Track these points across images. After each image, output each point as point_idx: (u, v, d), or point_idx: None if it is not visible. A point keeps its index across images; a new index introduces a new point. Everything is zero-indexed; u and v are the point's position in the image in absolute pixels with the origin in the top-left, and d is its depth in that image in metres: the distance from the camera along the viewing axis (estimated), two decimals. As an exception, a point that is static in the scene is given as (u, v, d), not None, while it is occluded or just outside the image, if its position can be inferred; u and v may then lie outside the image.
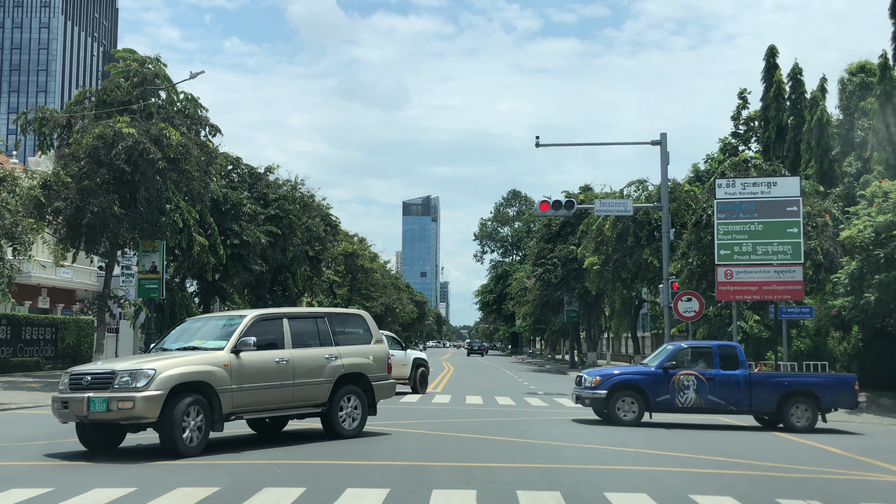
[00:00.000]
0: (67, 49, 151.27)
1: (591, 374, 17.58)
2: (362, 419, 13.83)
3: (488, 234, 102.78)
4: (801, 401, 16.76)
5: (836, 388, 17.06)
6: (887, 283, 20.28)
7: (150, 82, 33.08)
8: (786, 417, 16.70)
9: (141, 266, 31.82)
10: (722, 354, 17.15)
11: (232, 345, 12.23)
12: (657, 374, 16.97)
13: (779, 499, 8.98)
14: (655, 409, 16.97)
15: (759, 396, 16.79)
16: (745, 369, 16.99)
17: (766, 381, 17.10)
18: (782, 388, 16.83)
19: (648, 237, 32.88)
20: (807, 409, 16.73)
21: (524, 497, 8.79)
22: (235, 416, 12.29)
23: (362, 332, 14.30)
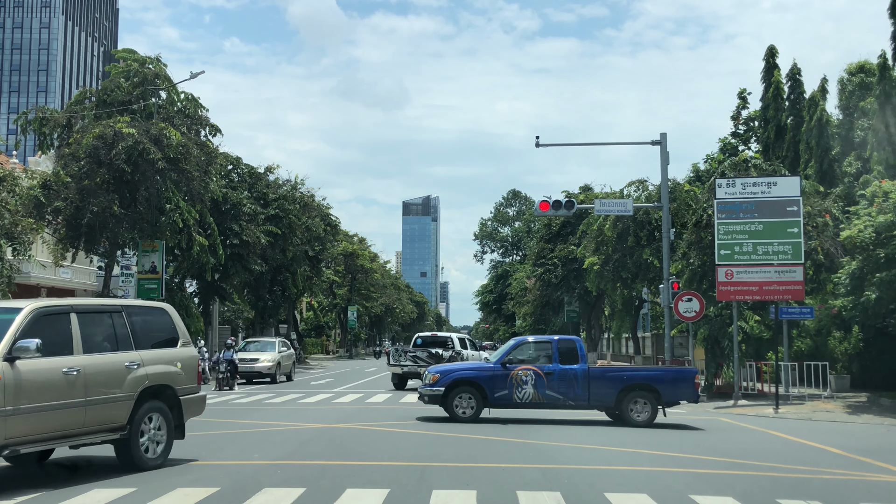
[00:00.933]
0: (68, 49, 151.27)
1: (431, 371, 17.67)
2: (167, 444, 10.91)
3: (488, 234, 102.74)
4: (641, 395, 16.80)
5: (675, 382, 17.10)
6: (888, 282, 20.27)
7: (150, 82, 33.11)
8: (625, 412, 16.77)
9: (140, 266, 31.84)
10: (562, 349, 17.17)
11: (5, 350, 8.96)
12: (496, 370, 17.00)
13: (779, 499, 8.97)
14: (493, 404, 16.97)
15: (597, 391, 16.81)
16: (584, 364, 17.00)
17: (604, 375, 17.16)
18: (621, 383, 16.87)
19: (648, 237, 32.84)
20: (646, 403, 16.77)
21: (524, 497, 8.78)
22: (10, 452, 8.94)
23: (166, 332, 11.32)
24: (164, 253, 31.79)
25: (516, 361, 17.08)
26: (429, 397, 17.15)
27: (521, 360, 17.17)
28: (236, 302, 51.30)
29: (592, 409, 17.38)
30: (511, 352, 17.40)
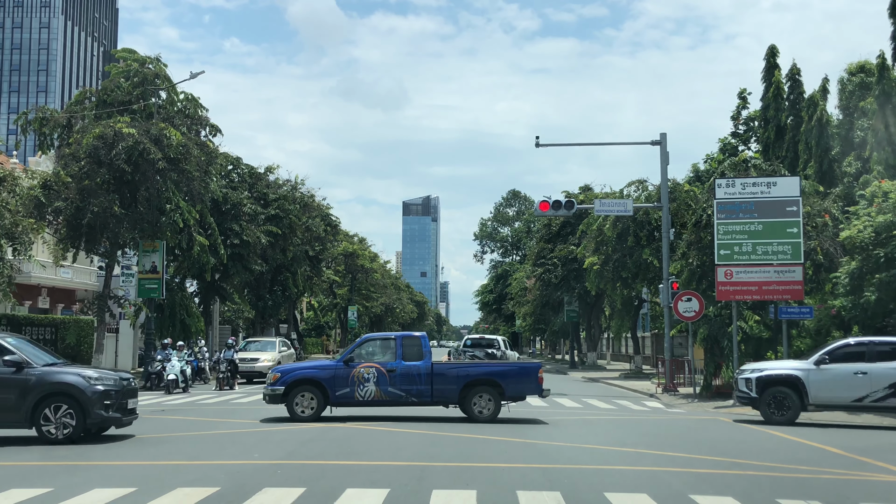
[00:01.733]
0: (67, 49, 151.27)
1: (273, 371, 17.68)
2: None
3: (488, 234, 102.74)
4: (484, 390, 16.85)
5: (519, 377, 17.16)
6: (887, 283, 20.27)
7: (150, 82, 33.10)
8: (468, 407, 16.83)
9: (141, 266, 31.84)
10: (406, 346, 17.15)
11: None
12: (338, 368, 16.96)
13: (779, 499, 8.99)
14: (335, 403, 16.96)
15: (440, 387, 16.84)
16: (428, 360, 16.98)
17: (447, 371, 17.13)
18: (464, 378, 16.91)
19: (648, 237, 32.86)
20: (489, 398, 16.81)
21: (524, 497, 8.79)
22: None
23: None
24: (164, 253, 31.79)
25: (359, 359, 17.00)
26: (270, 397, 17.09)
27: (364, 357, 17.11)
28: (237, 302, 51.29)
29: (437, 405, 17.33)
30: (355, 349, 17.35)
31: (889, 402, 17.19)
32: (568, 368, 51.59)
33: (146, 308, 33.13)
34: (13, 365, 13.21)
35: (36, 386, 13.13)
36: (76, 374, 13.51)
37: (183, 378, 27.15)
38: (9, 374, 13.18)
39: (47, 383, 13.21)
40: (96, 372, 13.81)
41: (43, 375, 13.28)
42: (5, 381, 13.12)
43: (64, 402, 13.17)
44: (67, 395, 13.20)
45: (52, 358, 14.43)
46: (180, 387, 26.97)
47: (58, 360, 14.55)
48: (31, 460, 11.62)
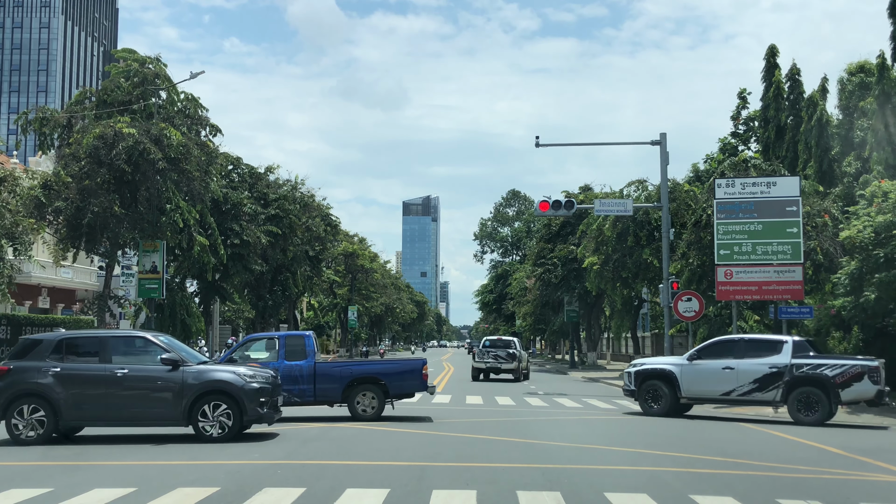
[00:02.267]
0: (67, 49, 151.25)
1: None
2: None
3: (488, 234, 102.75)
4: (367, 388, 16.82)
5: (402, 375, 17.11)
6: (887, 282, 20.28)
7: (150, 82, 33.11)
8: (352, 406, 16.78)
9: (141, 266, 31.84)
10: (289, 345, 17.07)
11: None
12: None
13: (779, 499, 8.98)
14: None
15: (323, 386, 16.76)
16: (311, 360, 16.91)
17: (330, 370, 17.02)
18: (347, 377, 16.85)
19: (648, 237, 32.87)
20: (373, 396, 16.79)
21: (524, 497, 8.79)
22: None
23: None
24: (164, 253, 31.79)
25: (241, 360, 16.83)
26: None
27: (246, 357, 16.99)
28: (237, 302, 51.31)
29: (320, 405, 17.25)
30: (237, 350, 17.24)
31: (754, 397, 18.06)
32: (568, 368, 51.58)
33: (146, 308, 33.13)
34: (170, 363, 13.34)
35: (193, 384, 13.20)
36: (231, 372, 13.58)
37: (183, 378, 27.14)
38: (166, 372, 13.29)
39: (204, 381, 13.27)
40: (249, 369, 13.88)
41: (199, 373, 13.38)
42: (162, 379, 13.25)
43: (221, 401, 13.24)
44: (224, 392, 13.25)
45: (199, 356, 14.59)
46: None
47: (206, 358, 14.72)
48: (31, 460, 11.62)
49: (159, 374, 13.29)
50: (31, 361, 13.38)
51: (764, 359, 17.94)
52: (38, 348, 13.58)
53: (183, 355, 13.63)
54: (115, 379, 13.23)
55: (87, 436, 14.20)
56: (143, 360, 13.55)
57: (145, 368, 13.41)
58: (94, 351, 13.55)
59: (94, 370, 13.32)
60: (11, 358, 13.65)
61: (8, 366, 13.42)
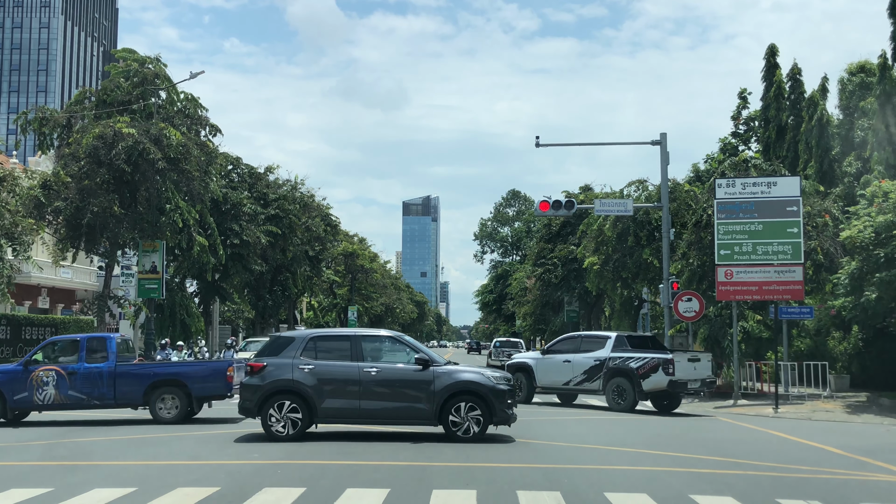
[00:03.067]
0: (67, 49, 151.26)
1: None
2: None
3: (488, 234, 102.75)
4: (169, 391, 16.68)
5: (205, 377, 17.01)
6: (887, 282, 20.26)
7: (150, 82, 33.10)
8: (153, 409, 16.65)
9: (141, 266, 31.83)
10: (90, 347, 17.00)
11: None
12: (16, 372, 16.63)
13: (779, 499, 8.98)
14: (15, 407, 16.61)
15: (124, 389, 16.60)
16: (111, 361, 16.76)
17: (130, 372, 16.86)
18: (148, 379, 16.69)
19: (648, 237, 32.81)
20: (175, 399, 16.67)
21: (524, 497, 8.78)
22: None
23: None
24: (164, 253, 31.78)
25: (40, 362, 16.71)
26: None
27: (46, 360, 16.84)
28: (236, 302, 51.30)
29: (121, 408, 17.09)
30: (37, 352, 17.10)
31: (584, 386, 20.76)
32: (568, 368, 51.51)
33: (146, 308, 33.12)
34: (421, 363, 13.54)
35: (444, 384, 13.39)
36: (477, 373, 13.75)
37: (183, 378, 27.13)
38: (417, 371, 13.47)
39: (454, 381, 13.43)
40: (491, 371, 14.12)
41: (449, 373, 13.56)
42: (414, 378, 13.47)
43: (472, 401, 13.36)
44: (474, 393, 13.38)
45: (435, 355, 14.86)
46: (180, 387, 26.94)
47: (443, 359, 14.88)
48: (31, 460, 11.61)
49: (411, 374, 13.50)
50: (284, 359, 13.60)
51: (592, 353, 20.72)
52: (290, 346, 13.80)
53: (432, 355, 13.92)
54: (368, 377, 13.44)
55: (89, 437, 14.19)
56: (392, 359, 13.79)
57: (396, 367, 13.62)
58: (344, 349, 13.77)
59: (346, 368, 13.54)
60: (263, 355, 13.90)
61: (263, 362, 13.63)
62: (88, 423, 16.91)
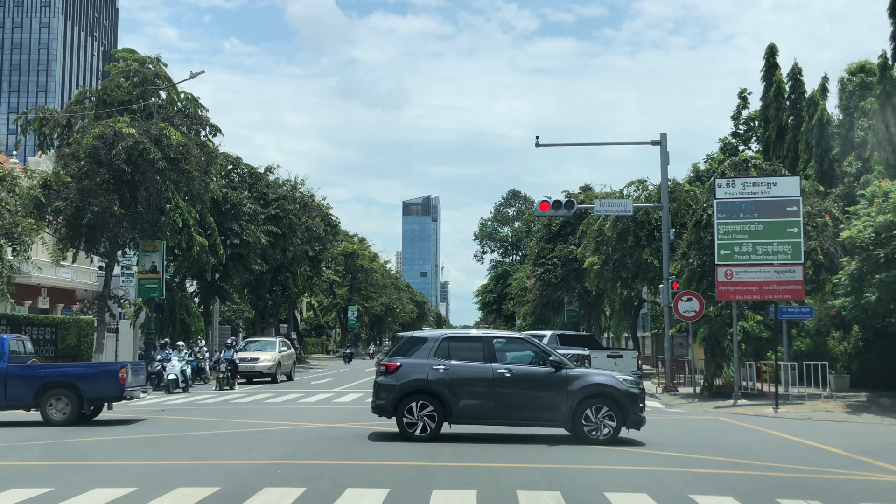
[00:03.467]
0: (67, 49, 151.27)
1: None
2: None
3: (488, 234, 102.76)
4: (60, 392, 16.49)
5: (97, 379, 16.86)
6: (888, 283, 20.25)
7: (150, 82, 33.10)
8: (44, 410, 16.42)
9: (141, 266, 31.84)
10: None
11: None
12: None
13: (779, 499, 8.98)
14: None
15: (15, 390, 16.44)
16: (2, 363, 16.55)
17: (22, 373, 16.70)
18: (39, 381, 16.48)
19: (648, 237, 32.82)
20: (66, 401, 16.44)
21: (524, 497, 8.78)
22: None
23: None
24: (164, 253, 31.79)
25: None
26: None
27: None
28: (237, 302, 51.32)
29: (11, 410, 16.88)
30: None
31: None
32: (568, 368, 51.49)
33: (146, 308, 33.12)
34: (555, 365, 13.60)
35: (577, 386, 13.41)
36: (609, 376, 13.80)
37: (183, 378, 27.16)
38: (550, 374, 13.51)
39: (588, 384, 13.45)
40: (622, 375, 14.15)
41: (581, 376, 13.59)
42: (548, 380, 13.54)
43: (604, 404, 13.39)
44: (608, 396, 13.41)
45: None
46: (180, 387, 26.97)
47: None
48: (31, 460, 11.62)
49: (544, 376, 13.52)
50: (417, 359, 13.66)
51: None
52: (422, 346, 13.87)
53: (564, 358, 13.98)
54: (503, 378, 13.47)
55: (89, 437, 14.18)
56: (523, 361, 13.84)
57: (529, 369, 13.65)
58: (476, 350, 13.83)
59: (479, 369, 13.56)
60: (397, 355, 13.99)
61: (397, 362, 13.70)
62: (88, 423, 16.91)
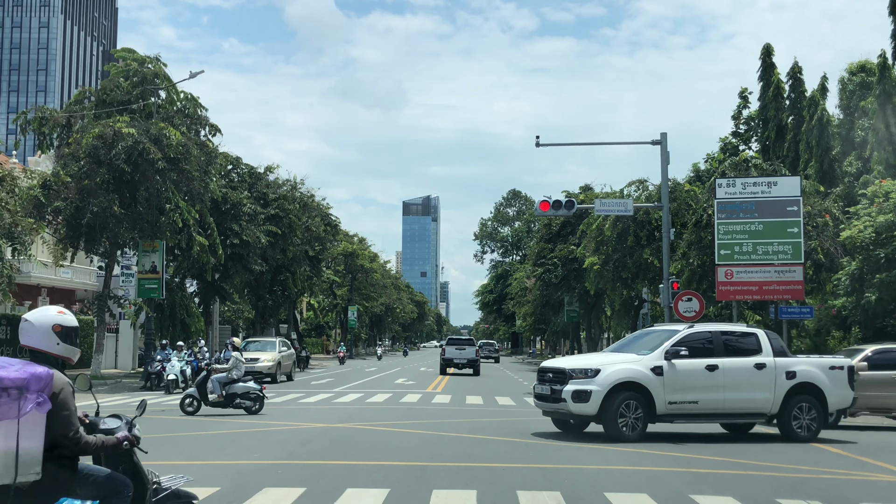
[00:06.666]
0: (67, 48, 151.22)
1: None
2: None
3: (488, 234, 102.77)
4: None
5: None
6: (888, 283, 20.26)
7: (149, 82, 33.07)
8: None
9: (141, 266, 31.82)
10: None
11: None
12: None
13: (779, 499, 8.96)
14: None
15: None
16: None
17: None
18: None
19: (648, 237, 32.79)
20: None
21: (524, 497, 8.77)
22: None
23: None
24: (164, 253, 31.77)
25: None
26: None
27: None
28: (236, 302, 51.28)
29: None
30: None
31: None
32: (568, 368, 51.45)
33: (146, 308, 33.11)
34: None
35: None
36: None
37: (183, 378, 27.12)
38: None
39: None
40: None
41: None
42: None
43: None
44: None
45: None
46: (180, 387, 26.93)
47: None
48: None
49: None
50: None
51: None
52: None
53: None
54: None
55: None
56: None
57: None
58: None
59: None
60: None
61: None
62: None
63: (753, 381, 14.24)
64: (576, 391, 13.67)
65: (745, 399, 14.26)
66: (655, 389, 13.81)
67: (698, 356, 14.19)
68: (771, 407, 14.30)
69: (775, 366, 14.38)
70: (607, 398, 13.63)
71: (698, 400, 14.02)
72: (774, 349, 14.61)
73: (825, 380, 14.55)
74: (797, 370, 14.45)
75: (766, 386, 14.25)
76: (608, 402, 13.62)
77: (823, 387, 14.46)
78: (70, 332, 4.78)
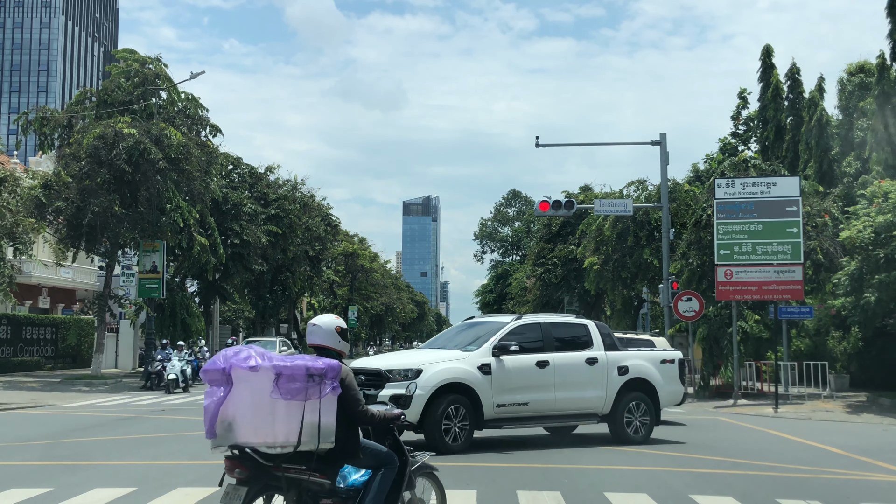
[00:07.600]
0: (68, 49, 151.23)
1: None
2: None
3: (488, 233, 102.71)
4: None
5: None
6: (887, 284, 20.26)
7: (150, 82, 33.11)
8: None
9: (141, 266, 31.86)
10: None
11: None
12: None
13: (779, 499, 8.98)
14: None
15: None
16: None
17: None
18: None
19: (648, 237, 32.82)
20: None
21: (524, 497, 8.79)
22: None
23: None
24: (164, 253, 31.80)
25: None
26: None
27: None
28: (237, 301, 51.32)
29: None
30: None
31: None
32: (568, 368, 51.48)
33: (146, 308, 33.13)
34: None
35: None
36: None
37: (183, 378, 27.15)
38: None
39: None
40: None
41: None
42: None
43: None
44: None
45: None
46: (180, 386, 26.97)
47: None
48: (31, 460, 11.62)
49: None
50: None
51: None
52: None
53: None
54: None
55: (89, 437, 14.19)
56: None
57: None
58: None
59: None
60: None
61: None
62: (88, 423, 16.92)
63: (585, 378, 13.00)
64: (394, 396, 11.47)
65: (577, 398, 12.96)
66: (483, 391, 12.18)
67: (528, 352, 12.71)
68: (603, 406, 13.16)
69: (607, 360, 13.21)
70: (430, 403, 11.77)
71: (528, 401, 12.55)
72: (605, 342, 13.46)
73: (657, 375, 13.61)
74: (629, 365, 13.35)
75: (599, 383, 13.08)
76: (431, 407, 11.78)
77: (655, 383, 13.53)
78: (345, 332, 5.98)
